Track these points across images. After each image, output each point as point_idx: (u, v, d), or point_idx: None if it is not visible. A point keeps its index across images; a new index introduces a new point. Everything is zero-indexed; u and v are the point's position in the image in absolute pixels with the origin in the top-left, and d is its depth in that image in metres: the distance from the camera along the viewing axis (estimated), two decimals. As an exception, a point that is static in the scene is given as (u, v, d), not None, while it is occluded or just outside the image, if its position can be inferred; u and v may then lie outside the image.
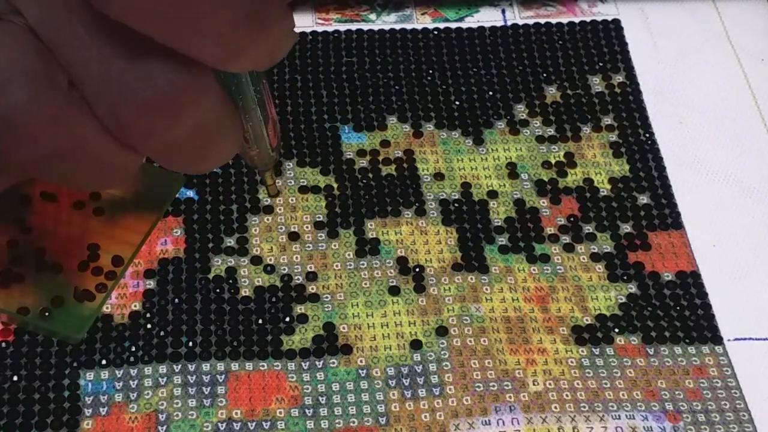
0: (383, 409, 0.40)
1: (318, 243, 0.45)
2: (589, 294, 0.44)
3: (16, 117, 0.28)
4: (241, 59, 0.28)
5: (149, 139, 0.29)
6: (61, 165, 0.30)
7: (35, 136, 0.28)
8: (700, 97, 0.51)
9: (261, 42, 0.28)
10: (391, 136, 0.49)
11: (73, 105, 0.28)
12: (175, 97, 0.28)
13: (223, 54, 0.27)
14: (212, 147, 0.31)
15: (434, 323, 0.43)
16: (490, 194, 0.47)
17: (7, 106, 0.28)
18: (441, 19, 0.54)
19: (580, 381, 0.41)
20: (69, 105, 0.28)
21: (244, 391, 0.41)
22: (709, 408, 0.41)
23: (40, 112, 0.28)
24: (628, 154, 0.49)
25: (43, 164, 0.29)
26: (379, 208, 0.46)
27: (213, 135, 0.30)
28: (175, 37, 0.27)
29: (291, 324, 0.43)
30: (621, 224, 0.46)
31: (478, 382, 0.41)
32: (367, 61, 0.52)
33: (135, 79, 0.28)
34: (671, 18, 0.55)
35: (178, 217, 0.46)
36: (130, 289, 0.43)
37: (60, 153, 0.29)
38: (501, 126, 0.50)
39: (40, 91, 0.28)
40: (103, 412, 0.40)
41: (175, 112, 0.29)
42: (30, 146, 0.29)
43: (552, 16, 0.54)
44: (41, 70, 0.28)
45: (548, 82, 0.51)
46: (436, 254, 0.45)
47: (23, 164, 0.29)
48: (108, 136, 0.29)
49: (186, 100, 0.28)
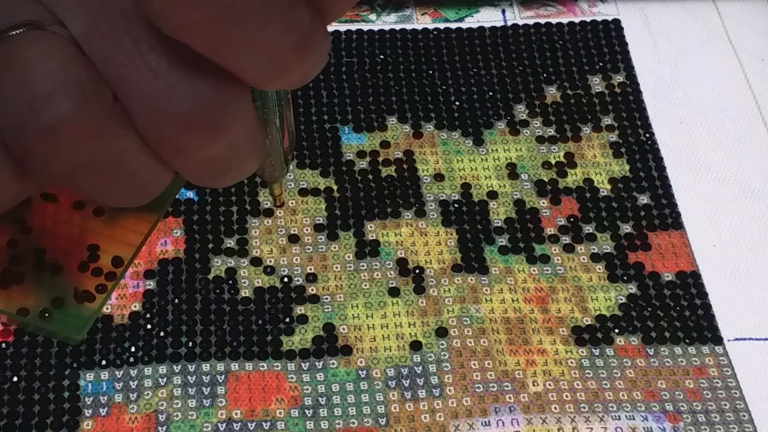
0: (383, 410, 0.40)
1: (318, 245, 0.45)
2: (589, 294, 0.44)
3: (61, 127, 0.28)
4: (282, 80, 0.28)
5: (187, 156, 0.29)
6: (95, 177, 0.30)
7: (76, 147, 0.29)
8: (701, 97, 0.51)
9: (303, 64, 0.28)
10: (391, 136, 0.49)
11: (115, 118, 0.29)
12: (217, 115, 0.28)
13: (267, 74, 0.28)
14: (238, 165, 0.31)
15: (434, 324, 0.43)
16: (490, 195, 0.47)
17: (52, 116, 0.28)
18: (441, 19, 0.54)
19: (580, 381, 0.41)
20: (112, 118, 0.29)
21: (243, 392, 0.41)
22: (709, 408, 0.41)
23: (84, 124, 0.28)
24: (628, 155, 0.49)
25: (77, 175, 0.30)
26: (378, 209, 0.46)
27: (244, 152, 0.31)
28: (226, 55, 0.27)
29: (291, 325, 0.43)
30: (621, 224, 0.46)
31: (477, 382, 0.41)
32: (367, 61, 0.52)
33: (179, 95, 0.28)
34: (671, 18, 0.55)
35: (178, 218, 0.46)
36: (130, 289, 0.43)
37: (97, 165, 0.29)
38: (501, 126, 0.50)
39: (86, 103, 0.28)
40: (103, 413, 0.40)
41: (217, 129, 0.29)
42: (69, 156, 0.29)
43: (552, 16, 0.54)
44: (87, 81, 0.28)
45: (548, 83, 0.51)
46: (435, 255, 0.45)
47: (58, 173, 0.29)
48: (145, 152, 0.29)
49: (228, 118, 0.29)
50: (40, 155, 0.29)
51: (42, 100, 0.28)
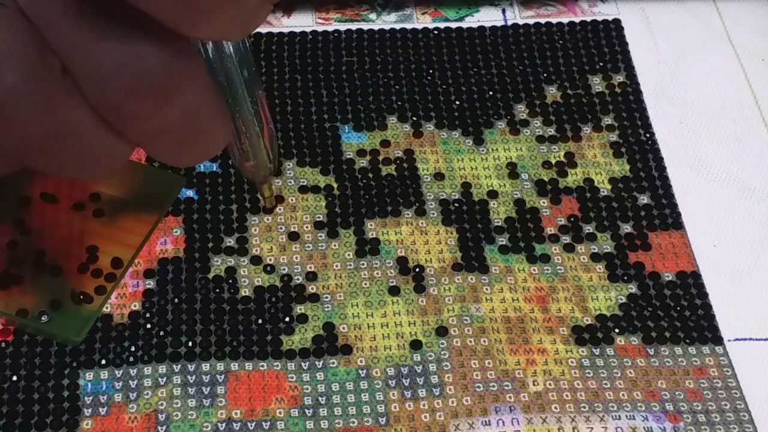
0: (383, 410, 0.40)
1: (318, 243, 0.45)
2: (590, 294, 0.44)
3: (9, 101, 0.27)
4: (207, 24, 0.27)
5: (138, 123, 0.29)
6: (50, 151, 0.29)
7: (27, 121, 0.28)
8: (701, 97, 0.51)
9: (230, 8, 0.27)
10: (391, 135, 0.49)
11: (65, 90, 0.28)
12: (165, 79, 0.28)
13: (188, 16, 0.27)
14: (200, 136, 0.31)
15: (434, 323, 0.43)
16: (490, 194, 0.47)
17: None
18: (441, 18, 0.54)
19: (580, 381, 0.41)
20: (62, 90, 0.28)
21: (243, 391, 0.41)
22: (709, 408, 0.41)
23: (33, 97, 0.28)
24: (628, 154, 0.49)
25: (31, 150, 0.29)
26: (379, 208, 0.46)
27: (201, 123, 0.30)
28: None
29: (291, 324, 0.43)
30: (621, 224, 0.46)
31: (478, 382, 0.41)
32: (367, 61, 0.52)
33: (124, 60, 0.27)
34: (672, 18, 0.55)
35: (177, 217, 0.46)
36: (130, 288, 0.43)
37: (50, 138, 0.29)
38: (501, 126, 0.50)
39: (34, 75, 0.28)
40: (102, 412, 0.40)
41: (165, 94, 0.28)
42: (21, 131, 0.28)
43: (552, 16, 0.54)
44: (34, 53, 0.28)
45: (548, 82, 0.51)
46: (436, 254, 0.45)
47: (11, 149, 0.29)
48: (99, 122, 0.29)
49: (176, 82, 0.28)
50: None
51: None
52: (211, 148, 0.32)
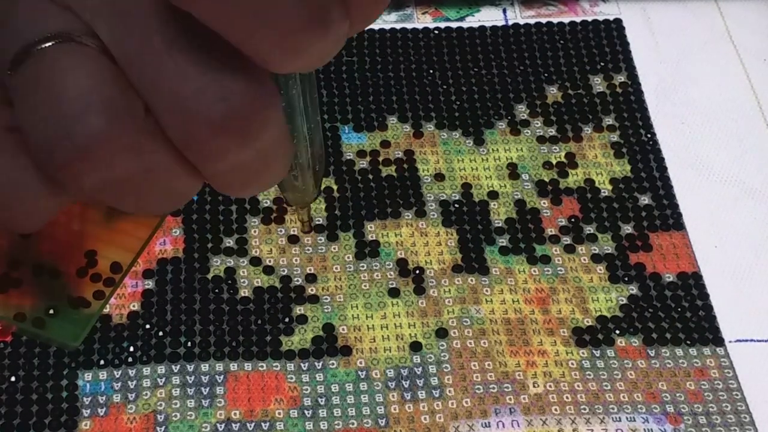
0: (383, 411, 0.40)
1: (318, 246, 0.45)
2: (590, 295, 0.44)
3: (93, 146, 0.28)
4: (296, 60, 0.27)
5: (218, 161, 0.29)
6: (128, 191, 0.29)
7: (109, 165, 0.28)
8: (702, 98, 0.51)
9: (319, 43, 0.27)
10: (392, 136, 0.49)
11: (149, 132, 0.28)
12: (249, 119, 0.28)
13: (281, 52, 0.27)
14: (267, 170, 0.31)
15: (434, 325, 0.43)
16: (490, 195, 0.47)
17: (84, 134, 0.27)
18: (442, 18, 0.54)
19: (580, 383, 0.41)
20: (145, 133, 0.28)
21: (242, 392, 0.41)
22: (710, 410, 0.41)
23: (118, 141, 0.28)
24: (629, 155, 0.49)
25: (110, 190, 0.29)
26: (379, 209, 0.46)
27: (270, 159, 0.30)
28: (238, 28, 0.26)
29: (290, 325, 0.43)
30: (622, 225, 0.46)
31: (477, 384, 0.41)
32: (367, 61, 0.52)
33: (211, 97, 0.27)
34: (673, 18, 0.55)
35: (177, 218, 0.45)
36: (129, 289, 0.43)
37: (131, 181, 0.29)
38: (502, 126, 0.50)
39: (118, 119, 0.27)
40: (101, 413, 0.40)
41: (249, 133, 0.28)
42: (103, 174, 0.28)
43: (553, 16, 0.54)
44: (119, 97, 0.27)
45: (549, 82, 0.51)
46: (436, 256, 0.45)
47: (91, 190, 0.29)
48: (178, 163, 0.29)
49: (259, 121, 0.28)
50: (72, 174, 0.28)
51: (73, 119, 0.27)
52: (273, 180, 0.31)
